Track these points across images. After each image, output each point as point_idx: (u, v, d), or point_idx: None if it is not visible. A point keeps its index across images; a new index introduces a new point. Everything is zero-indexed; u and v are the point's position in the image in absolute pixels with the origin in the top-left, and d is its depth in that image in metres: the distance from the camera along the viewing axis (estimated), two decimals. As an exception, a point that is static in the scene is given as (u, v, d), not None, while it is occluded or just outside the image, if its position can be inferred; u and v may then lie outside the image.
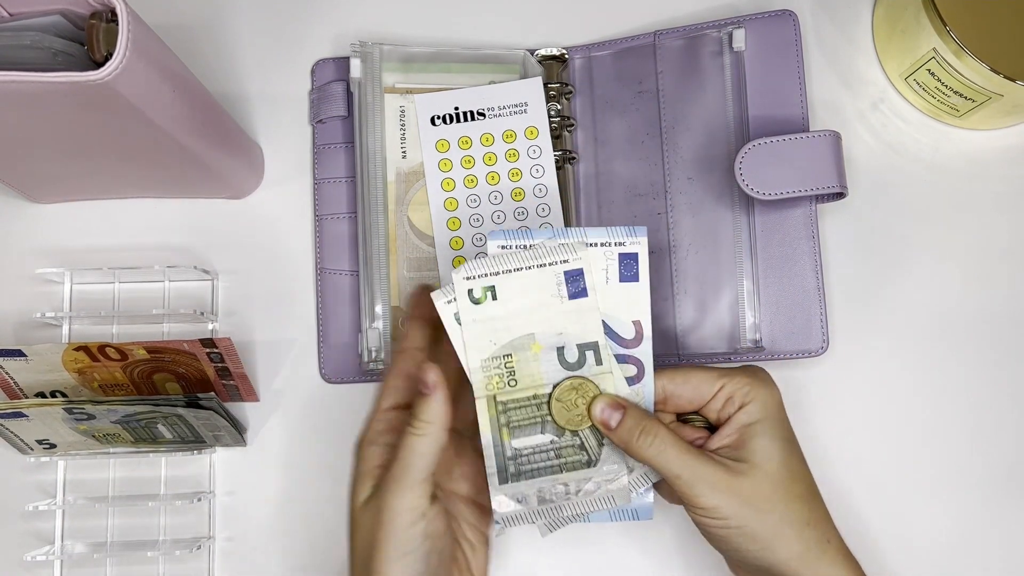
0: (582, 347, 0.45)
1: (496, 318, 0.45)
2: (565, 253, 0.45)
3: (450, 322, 0.45)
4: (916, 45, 0.54)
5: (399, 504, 0.41)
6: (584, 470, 0.45)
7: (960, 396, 0.56)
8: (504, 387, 0.45)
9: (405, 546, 0.41)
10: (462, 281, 0.45)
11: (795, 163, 0.52)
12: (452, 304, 0.45)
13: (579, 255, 0.45)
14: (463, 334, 0.45)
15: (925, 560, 0.54)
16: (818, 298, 0.55)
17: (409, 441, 0.42)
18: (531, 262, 0.45)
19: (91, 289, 0.58)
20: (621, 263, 0.46)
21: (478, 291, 0.45)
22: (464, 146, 0.57)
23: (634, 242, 0.46)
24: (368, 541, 0.42)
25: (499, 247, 0.46)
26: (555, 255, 0.45)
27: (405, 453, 0.42)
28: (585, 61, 0.59)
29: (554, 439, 0.45)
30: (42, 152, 0.50)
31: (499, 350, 0.45)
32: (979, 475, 0.55)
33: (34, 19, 0.42)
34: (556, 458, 0.45)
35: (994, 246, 0.57)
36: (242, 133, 0.57)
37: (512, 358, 0.45)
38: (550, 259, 0.45)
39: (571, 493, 0.45)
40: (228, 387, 0.55)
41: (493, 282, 0.45)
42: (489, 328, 0.45)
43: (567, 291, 0.45)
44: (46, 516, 0.57)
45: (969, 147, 0.58)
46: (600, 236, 0.46)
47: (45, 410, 0.50)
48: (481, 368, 0.45)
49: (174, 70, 0.46)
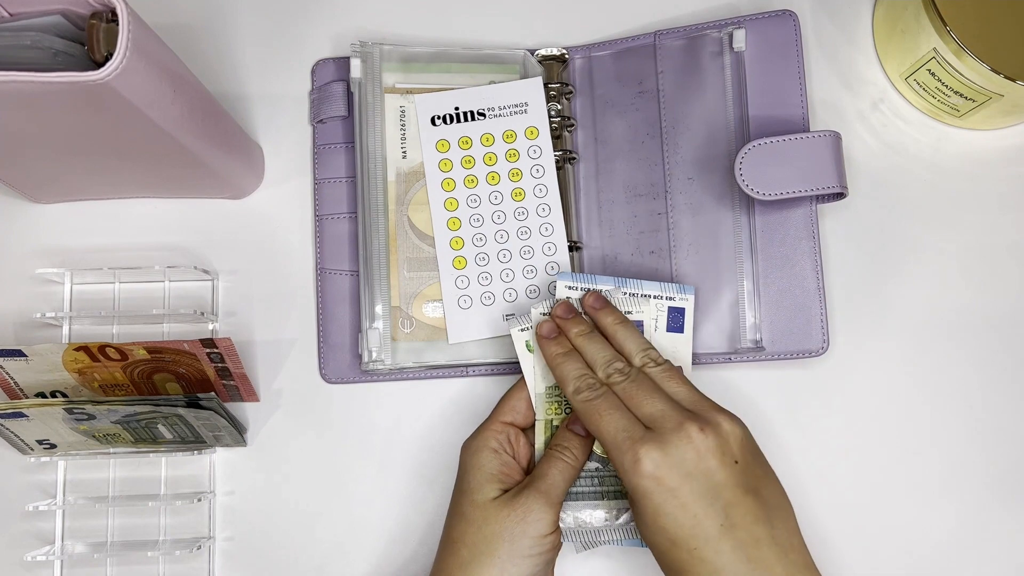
0: None
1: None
2: (630, 305, 0.51)
3: (521, 349, 0.51)
4: (916, 45, 0.54)
5: (546, 515, 0.46)
6: (623, 499, 0.50)
7: (960, 396, 0.56)
8: (561, 413, 0.50)
9: (533, 549, 0.46)
10: (539, 316, 0.51)
11: (795, 163, 0.52)
12: (525, 332, 0.51)
13: (642, 309, 0.51)
14: (534, 363, 0.51)
15: (925, 560, 0.54)
16: (818, 298, 0.55)
17: (559, 464, 0.48)
18: None
19: (91, 289, 0.58)
20: (670, 315, 0.52)
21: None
22: (464, 146, 0.57)
23: (683, 299, 0.52)
24: (497, 534, 0.46)
25: (566, 287, 0.52)
26: (621, 306, 0.51)
27: (554, 473, 0.48)
28: (585, 61, 0.59)
29: (598, 467, 0.50)
30: (42, 152, 0.50)
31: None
32: (979, 475, 0.55)
33: (34, 19, 0.42)
34: (599, 485, 0.50)
35: (994, 246, 0.57)
36: (242, 133, 0.57)
37: None
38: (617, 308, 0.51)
39: (609, 519, 0.50)
40: (228, 387, 0.55)
41: None
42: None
43: None
44: (46, 516, 0.56)
45: (969, 147, 0.58)
46: (654, 289, 0.52)
47: (45, 410, 0.50)
48: (544, 394, 0.51)
49: (174, 70, 0.46)
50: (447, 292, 0.56)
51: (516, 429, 0.50)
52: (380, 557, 0.56)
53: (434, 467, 0.56)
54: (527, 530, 0.46)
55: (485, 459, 0.49)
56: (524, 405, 0.51)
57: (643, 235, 0.56)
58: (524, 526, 0.46)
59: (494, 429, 0.50)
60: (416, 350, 0.56)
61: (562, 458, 0.48)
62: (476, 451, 0.49)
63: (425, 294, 0.56)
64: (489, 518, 0.47)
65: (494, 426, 0.50)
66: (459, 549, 0.47)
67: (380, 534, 0.56)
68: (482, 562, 0.46)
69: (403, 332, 0.56)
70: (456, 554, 0.47)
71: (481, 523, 0.47)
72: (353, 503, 0.56)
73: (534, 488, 0.47)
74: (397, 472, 0.56)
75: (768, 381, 0.56)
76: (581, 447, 0.49)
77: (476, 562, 0.46)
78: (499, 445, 0.49)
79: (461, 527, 0.47)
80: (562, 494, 0.48)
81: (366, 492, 0.56)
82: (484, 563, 0.46)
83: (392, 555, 0.56)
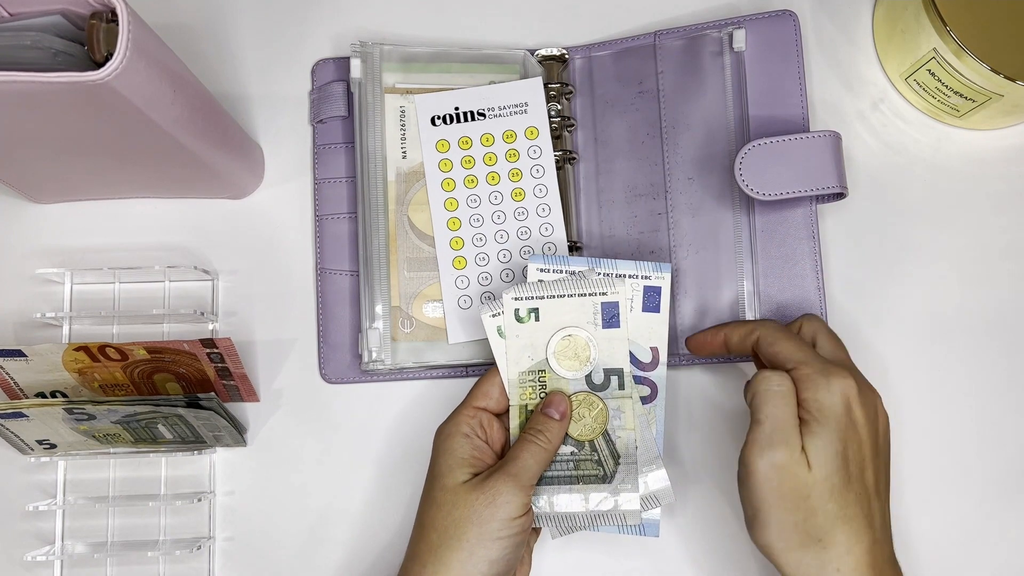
0: (608, 371, 0.50)
1: (536, 336, 0.50)
2: (604, 286, 0.50)
3: (492, 334, 0.50)
4: (916, 45, 0.54)
5: (515, 497, 0.46)
6: (599, 484, 0.49)
7: (960, 395, 0.56)
8: (535, 398, 0.50)
9: (502, 531, 0.46)
10: (511, 301, 0.50)
11: (795, 163, 0.52)
12: (497, 318, 0.50)
13: (616, 290, 0.50)
14: (506, 348, 0.50)
15: (925, 560, 0.54)
16: (818, 298, 0.55)
17: (532, 448, 0.48)
18: (573, 291, 0.50)
19: (91, 289, 0.58)
20: (645, 295, 0.51)
21: (523, 311, 0.50)
22: (464, 146, 0.57)
23: (659, 277, 0.51)
24: (466, 517, 0.46)
25: (538, 270, 0.51)
26: (595, 287, 0.50)
27: (526, 456, 0.47)
28: (585, 61, 0.59)
29: (574, 451, 0.50)
30: (42, 152, 0.50)
31: (535, 365, 0.50)
32: (980, 475, 0.55)
33: (34, 19, 0.42)
34: (575, 469, 0.50)
35: (994, 246, 0.57)
36: (242, 133, 0.57)
37: (545, 374, 0.50)
38: (590, 290, 0.50)
39: (587, 504, 0.49)
40: (228, 387, 0.55)
41: (538, 304, 0.50)
42: (528, 344, 0.50)
43: (602, 320, 0.50)
44: (46, 516, 0.57)
45: (969, 147, 0.58)
46: (629, 269, 0.51)
47: (45, 410, 0.50)
48: (518, 380, 0.50)
49: (174, 70, 0.46)
50: (447, 292, 0.56)
51: (489, 414, 0.50)
52: (380, 557, 0.56)
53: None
54: (496, 513, 0.46)
55: (456, 444, 0.48)
56: (497, 391, 0.50)
57: (643, 235, 0.56)
58: (493, 509, 0.46)
59: (466, 414, 0.49)
60: (416, 350, 0.56)
61: (535, 441, 0.48)
62: (448, 436, 0.49)
63: (425, 294, 0.56)
64: (458, 502, 0.46)
65: (466, 411, 0.50)
66: (428, 533, 0.47)
67: (380, 534, 0.56)
68: (451, 545, 0.46)
69: (403, 332, 0.56)
70: (426, 538, 0.47)
71: (450, 507, 0.47)
72: (353, 503, 0.56)
73: (504, 471, 0.47)
74: (397, 472, 0.56)
75: (768, 381, 0.56)
76: (555, 431, 0.49)
77: (445, 545, 0.46)
78: (471, 430, 0.49)
79: (432, 512, 0.47)
80: (534, 477, 0.48)
81: (366, 492, 0.56)
82: (453, 546, 0.46)
83: (392, 554, 0.56)
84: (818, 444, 0.44)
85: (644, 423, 0.50)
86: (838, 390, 0.44)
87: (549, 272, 0.51)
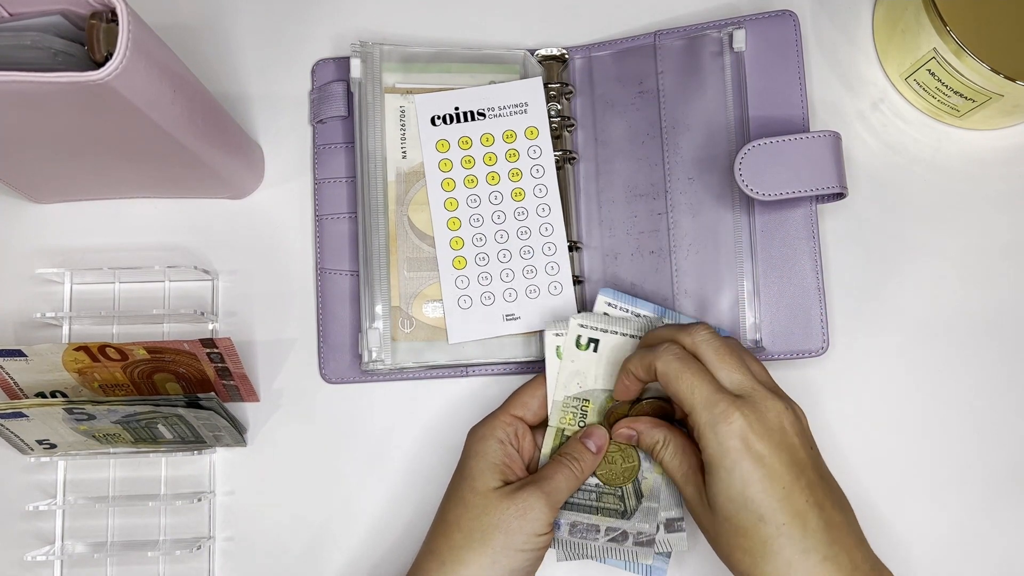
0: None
1: (590, 366, 0.51)
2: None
3: (550, 352, 0.51)
4: (916, 45, 0.54)
5: (544, 514, 0.47)
6: (617, 519, 0.50)
7: (961, 395, 0.56)
8: (574, 426, 0.51)
9: (527, 544, 0.46)
10: (576, 326, 0.51)
11: (795, 163, 0.52)
12: (560, 338, 0.51)
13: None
14: (559, 369, 0.51)
15: (925, 560, 0.54)
16: (818, 298, 0.55)
17: (567, 472, 0.48)
18: (636, 332, 0.51)
19: (91, 289, 0.58)
20: None
21: (584, 339, 0.51)
22: (464, 146, 0.57)
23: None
24: (495, 525, 0.46)
25: (606, 303, 0.52)
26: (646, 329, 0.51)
27: (560, 479, 0.48)
28: (585, 61, 0.59)
29: (599, 483, 0.51)
30: (42, 152, 0.50)
31: (581, 393, 0.51)
32: (979, 475, 0.55)
33: (34, 19, 0.42)
34: (596, 500, 0.50)
35: (994, 246, 0.57)
36: (242, 133, 0.57)
37: (588, 404, 0.51)
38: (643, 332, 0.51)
39: (600, 536, 0.50)
40: (228, 387, 0.55)
41: (599, 336, 0.51)
42: (580, 372, 0.51)
43: None
44: (46, 516, 0.57)
45: (969, 147, 0.58)
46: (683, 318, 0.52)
47: (45, 410, 0.50)
48: (562, 403, 0.51)
49: (174, 70, 0.46)
50: (447, 292, 0.56)
51: (524, 425, 0.51)
52: (380, 557, 0.56)
53: (435, 467, 0.56)
54: (524, 526, 0.46)
55: (490, 448, 0.49)
56: (537, 403, 0.51)
57: (643, 235, 0.56)
58: (522, 522, 0.46)
59: (503, 420, 0.50)
60: (416, 350, 0.56)
61: (570, 467, 0.49)
62: (482, 438, 0.49)
63: (425, 294, 0.56)
64: (489, 507, 0.47)
65: (504, 417, 0.50)
66: (452, 532, 0.47)
67: (381, 534, 0.56)
68: (474, 548, 0.46)
69: (403, 332, 0.56)
70: (448, 536, 0.47)
71: (480, 511, 0.47)
72: (353, 503, 0.56)
73: (537, 487, 0.47)
74: (397, 472, 0.56)
75: (768, 381, 0.56)
76: (589, 462, 0.49)
77: (468, 548, 0.46)
78: (506, 437, 0.49)
79: (458, 511, 0.47)
80: (562, 500, 0.48)
81: (366, 492, 0.56)
82: (477, 549, 0.46)
83: (393, 555, 0.56)
84: (714, 490, 0.44)
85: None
86: (726, 437, 0.43)
87: (616, 308, 0.52)
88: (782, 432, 0.44)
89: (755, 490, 0.42)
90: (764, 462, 0.43)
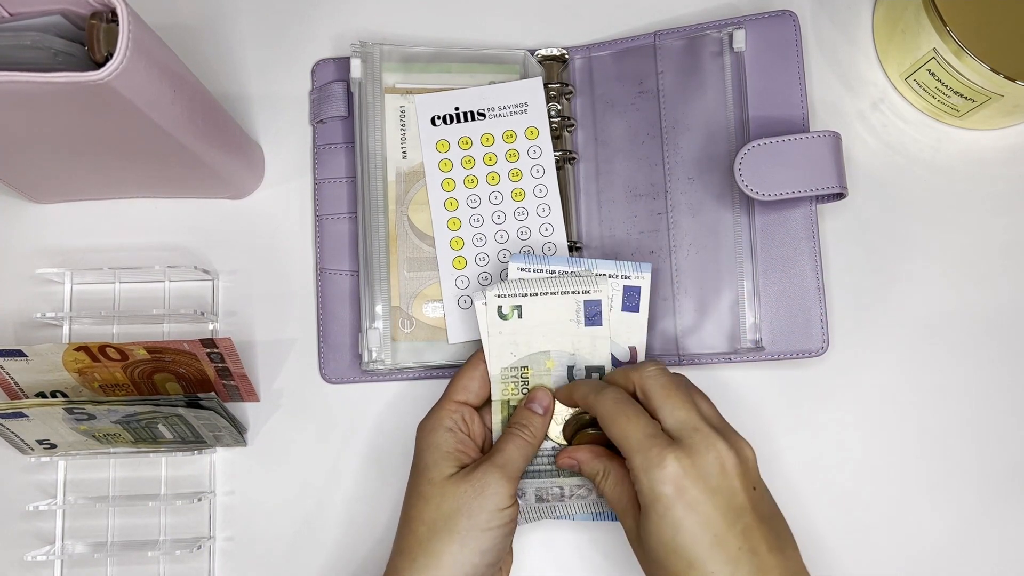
0: (590, 369, 0.51)
1: (519, 333, 0.50)
2: (587, 284, 0.50)
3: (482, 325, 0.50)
4: (916, 45, 0.54)
5: (503, 488, 0.46)
6: (577, 477, 0.50)
7: (960, 396, 0.56)
8: (518, 394, 0.50)
9: (491, 522, 0.46)
10: (494, 298, 0.50)
11: (795, 163, 0.52)
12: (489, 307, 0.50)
13: (600, 288, 0.50)
14: (488, 345, 0.50)
15: (924, 559, 0.54)
16: (818, 298, 0.55)
17: (517, 441, 0.48)
18: (556, 288, 0.50)
19: (91, 289, 0.58)
20: (625, 294, 0.51)
21: (507, 308, 0.50)
22: (464, 146, 0.57)
23: (639, 277, 0.51)
24: (456, 510, 0.46)
25: (519, 269, 0.51)
26: (578, 285, 0.50)
27: (511, 449, 0.48)
28: (585, 61, 0.59)
29: (555, 445, 0.50)
30: (42, 152, 0.50)
31: (518, 361, 0.50)
32: (979, 475, 0.55)
33: (34, 19, 0.42)
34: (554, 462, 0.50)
35: (994, 246, 0.57)
36: (242, 133, 0.57)
37: (528, 370, 0.50)
38: (573, 288, 0.50)
39: (565, 496, 0.50)
40: (228, 387, 0.55)
41: (521, 302, 0.50)
42: (511, 341, 0.50)
43: (584, 318, 0.50)
44: (46, 516, 0.57)
45: (969, 147, 0.58)
46: (609, 268, 0.51)
47: (45, 410, 0.50)
48: (500, 376, 0.50)
49: (174, 70, 0.46)
50: (447, 292, 0.56)
51: (470, 408, 0.50)
52: (380, 557, 0.56)
53: (434, 467, 0.56)
54: (484, 504, 0.46)
55: (440, 438, 0.48)
56: (477, 384, 0.50)
57: (643, 235, 0.56)
58: (482, 500, 0.46)
59: (448, 408, 0.50)
60: (416, 350, 0.56)
61: (520, 435, 0.48)
62: (431, 430, 0.49)
63: (425, 294, 0.56)
64: (447, 494, 0.47)
65: (448, 405, 0.50)
66: (416, 527, 0.47)
67: (380, 534, 0.56)
68: (441, 538, 0.46)
69: (403, 332, 0.56)
70: (414, 532, 0.47)
71: (439, 500, 0.47)
72: (353, 503, 0.56)
73: (490, 462, 0.47)
74: (398, 471, 0.56)
75: (768, 381, 0.56)
76: (539, 425, 0.49)
77: (435, 538, 0.46)
78: (453, 424, 0.49)
79: (419, 506, 0.47)
80: (519, 470, 0.48)
81: (366, 492, 0.56)
82: (444, 539, 0.46)
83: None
84: (646, 532, 0.43)
85: None
86: (658, 483, 0.42)
87: (529, 271, 0.51)
88: (721, 475, 0.43)
89: (685, 537, 0.42)
90: (697, 509, 0.42)
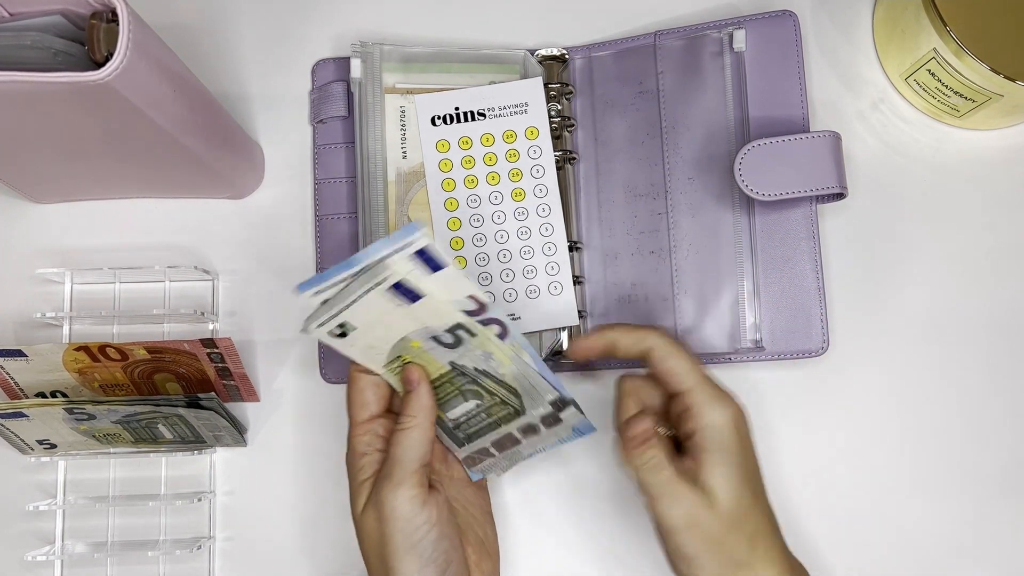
0: (450, 330, 0.46)
1: (366, 337, 0.46)
2: (376, 275, 0.44)
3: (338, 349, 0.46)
4: (916, 45, 0.54)
5: (396, 497, 0.43)
6: (518, 419, 0.48)
7: (960, 396, 0.56)
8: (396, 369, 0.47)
9: (412, 536, 0.43)
10: (316, 330, 0.45)
11: (795, 163, 0.52)
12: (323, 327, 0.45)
13: (390, 271, 0.44)
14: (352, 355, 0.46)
15: (924, 559, 0.54)
16: (818, 298, 0.55)
17: (398, 437, 0.44)
18: (358, 292, 0.44)
19: (91, 289, 0.58)
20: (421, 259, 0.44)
21: (336, 330, 0.45)
22: (464, 146, 0.57)
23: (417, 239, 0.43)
24: (377, 541, 0.43)
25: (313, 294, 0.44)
26: (370, 280, 0.44)
27: (395, 449, 0.44)
28: (585, 61, 0.59)
29: (478, 403, 0.48)
30: (42, 152, 0.50)
31: (387, 358, 0.47)
32: (979, 475, 0.55)
33: (34, 19, 0.42)
34: (488, 417, 0.48)
35: (994, 246, 0.57)
36: (242, 133, 0.57)
37: (403, 358, 0.47)
38: (370, 284, 0.44)
39: (520, 439, 0.49)
40: (228, 387, 0.55)
41: (342, 319, 0.45)
42: (367, 346, 0.46)
43: (405, 300, 0.45)
44: (46, 516, 0.57)
45: (969, 147, 0.58)
46: (382, 250, 0.43)
47: (45, 410, 0.50)
48: (386, 372, 0.47)
49: (174, 70, 0.46)
50: (447, 292, 0.56)
51: (380, 419, 0.47)
52: (380, 557, 0.56)
53: (434, 467, 0.56)
54: (395, 526, 0.42)
55: (358, 466, 0.45)
56: (369, 394, 0.47)
57: (643, 235, 0.56)
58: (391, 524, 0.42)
59: (356, 434, 0.46)
60: (416, 350, 0.55)
61: (403, 427, 0.45)
62: (348, 463, 0.46)
63: (425, 294, 0.56)
64: (365, 532, 0.44)
65: (354, 432, 0.46)
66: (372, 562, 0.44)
67: (380, 534, 0.56)
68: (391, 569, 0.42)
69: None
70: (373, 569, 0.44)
71: (364, 538, 0.44)
72: (353, 503, 0.56)
73: (381, 477, 0.44)
74: (397, 472, 0.56)
75: (768, 381, 0.56)
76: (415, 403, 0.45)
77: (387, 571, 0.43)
78: (366, 446, 0.46)
79: (362, 543, 0.45)
80: (413, 462, 0.44)
81: (366, 492, 0.56)
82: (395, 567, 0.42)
83: (392, 555, 0.56)
84: (722, 473, 0.43)
85: (514, 355, 0.47)
86: (730, 415, 0.43)
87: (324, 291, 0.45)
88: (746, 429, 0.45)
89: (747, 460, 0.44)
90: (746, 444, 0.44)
